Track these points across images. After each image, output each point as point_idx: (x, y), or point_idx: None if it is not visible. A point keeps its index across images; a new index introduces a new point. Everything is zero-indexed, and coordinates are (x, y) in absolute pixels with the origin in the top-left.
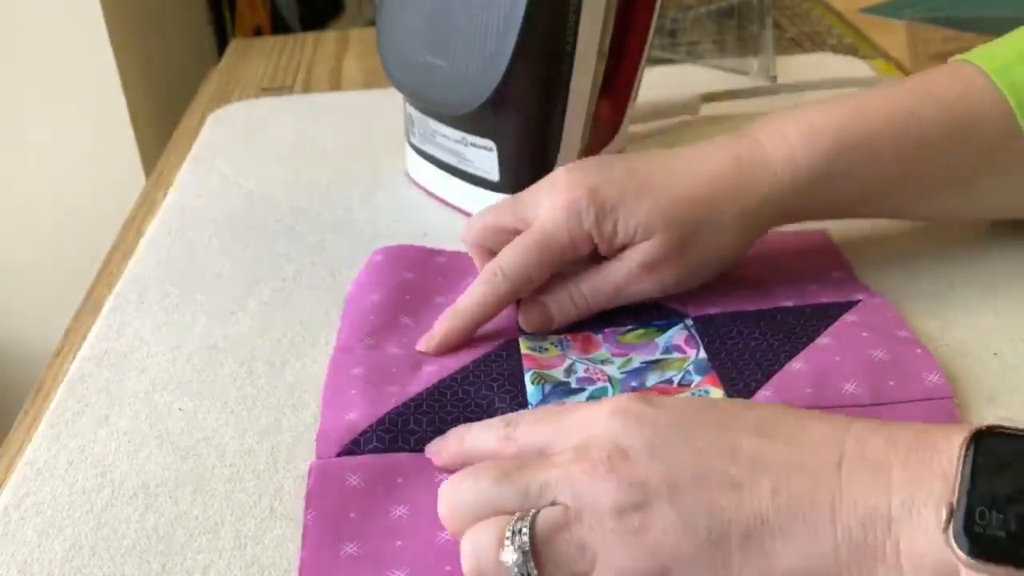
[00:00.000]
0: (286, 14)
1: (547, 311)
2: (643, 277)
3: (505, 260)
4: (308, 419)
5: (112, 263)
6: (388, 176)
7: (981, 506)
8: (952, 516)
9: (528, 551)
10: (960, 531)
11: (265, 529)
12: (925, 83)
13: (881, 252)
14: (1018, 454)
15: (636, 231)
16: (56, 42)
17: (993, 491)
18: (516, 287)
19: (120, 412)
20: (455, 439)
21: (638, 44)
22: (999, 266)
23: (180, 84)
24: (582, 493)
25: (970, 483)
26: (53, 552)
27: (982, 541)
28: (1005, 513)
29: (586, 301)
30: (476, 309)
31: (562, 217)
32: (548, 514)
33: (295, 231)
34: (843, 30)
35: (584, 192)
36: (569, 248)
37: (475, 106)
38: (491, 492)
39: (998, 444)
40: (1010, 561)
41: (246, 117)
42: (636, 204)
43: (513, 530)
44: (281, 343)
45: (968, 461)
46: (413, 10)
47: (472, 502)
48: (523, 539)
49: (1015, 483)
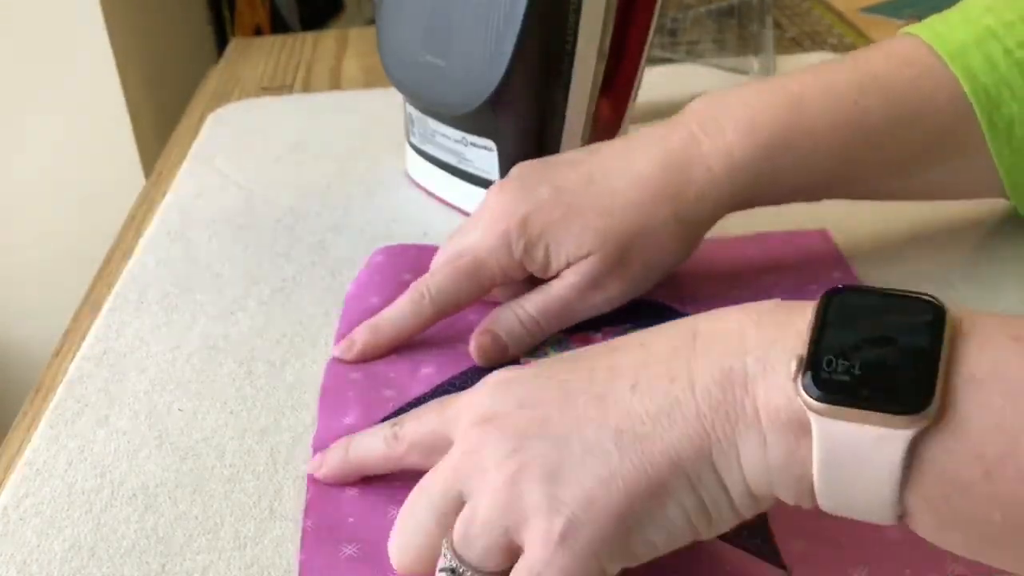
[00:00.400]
0: (286, 13)
1: (499, 341)
2: (589, 293)
3: (433, 283)
4: (307, 419)
5: (112, 263)
6: (388, 176)
7: (829, 355)
8: (801, 366)
9: (456, 566)
10: (809, 379)
11: (265, 530)
12: (872, 65)
13: (881, 252)
14: (866, 307)
15: (568, 256)
16: (56, 42)
17: (841, 341)
18: (441, 310)
19: (119, 412)
20: (338, 450)
21: (638, 44)
22: (999, 266)
23: (180, 84)
24: (471, 473)
25: (818, 335)
26: (52, 553)
27: (828, 386)
28: (851, 360)
29: (536, 322)
30: (397, 326)
31: (493, 246)
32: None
33: (295, 231)
34: (843, 29)
35: (514, 223)
36: (499, 276)
37: (475, 106)
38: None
39: (849, 299)
40: (853, 403)
41: (246, 117)
42: (565, 230)
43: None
44: (281, 343)
45: (819, 316)
46: (413, 10)
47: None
48: (447, 561)
49: (861, 333)
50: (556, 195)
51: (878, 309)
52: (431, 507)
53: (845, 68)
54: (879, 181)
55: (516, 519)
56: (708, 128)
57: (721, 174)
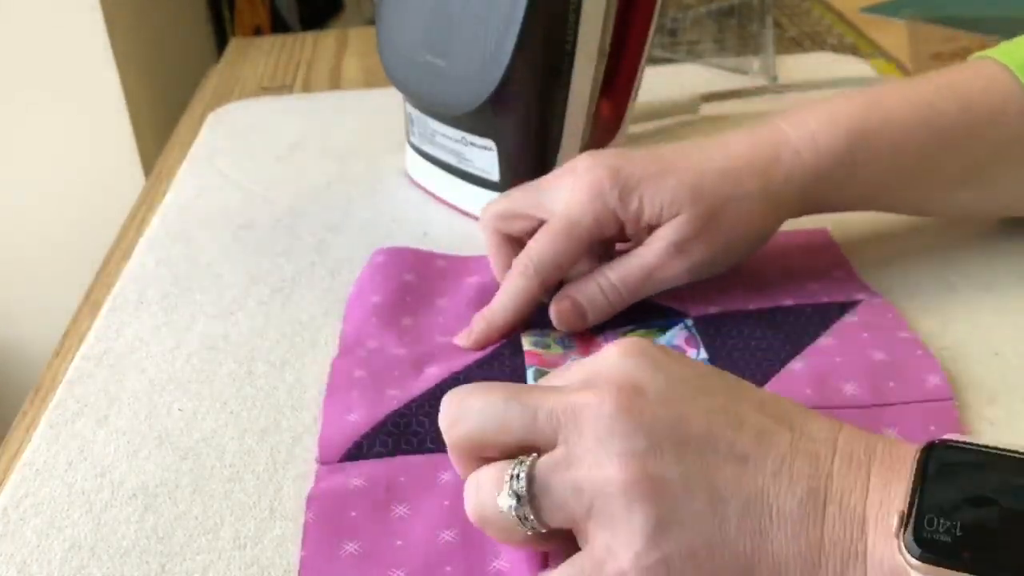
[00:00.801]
0: (285, 13)
1: (579, 306)
2: (674, 259)
3: (533, 252)
4: (308, 419)
5: (111, 263)
6: (388, 176)
7: (930, 513)
8: (903, 522)
9: (524, 495)
10: (911, 536)
11: (265, 529)
12: (947, 77)
13: (881, 252)
14: (965, 464)
15: (662, 208)
16: (56, 42)
17: (942, 499)
18: (546, 278)
19: (119, 412)
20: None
21: (638, 44)
22: (999, 266)
23: (180, 84)
24: (586, 428)
25: (920, 492)
26: (52, 552)
27: (929, 545)
28: (951, 519)
29: (616, 291)
30: (512, 305)
31: (585, 199)
32: (547, 458)
33: (295, 231)
34: (843, 29)
35: (606, 172)
36: (596, 231)
37: (475, 106)
38: (498, 407)
39: (948, 454)
40: (951, 564)
41: (246, 116)
42: (660, 181)
43: (511, 474)
44: (281, 343)
45: (920, 471)
46: (413, 10)
47: (478, 412)
48: (520, 484)
49: (961, 492)
50: (651, 154)
51: (979, 467)
52: (526, 414)
53: (920, 79)
54: (955, 189)
55: (610, 517)
56: (793, 122)
57: (808, 159)
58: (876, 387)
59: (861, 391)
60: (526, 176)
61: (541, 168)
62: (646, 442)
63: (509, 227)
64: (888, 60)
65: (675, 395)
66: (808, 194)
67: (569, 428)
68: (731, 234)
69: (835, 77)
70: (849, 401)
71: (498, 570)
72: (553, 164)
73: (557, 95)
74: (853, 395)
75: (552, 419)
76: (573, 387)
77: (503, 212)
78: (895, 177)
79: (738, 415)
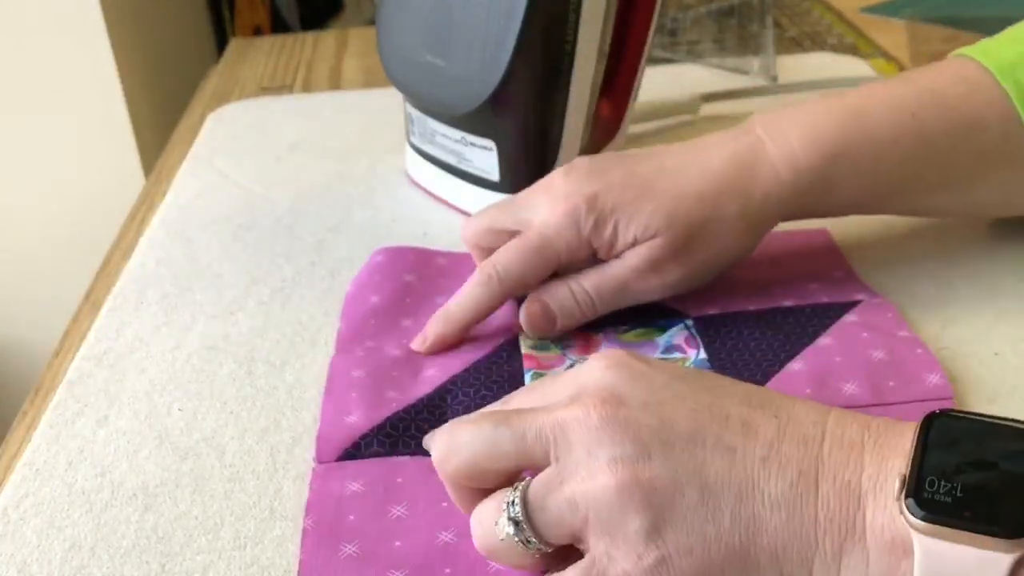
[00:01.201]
0: (285, 13)
1: (549, 312)
2: (647, 276)
3: (500, 262)
4: (308, 419)
5: (111, 263)
6: (388, 176)
7: (931, 476)
8: (904, 485)
9: (521, 519)
10: (912, 499)
11: (265, 529)
12: (928, 81)
13: (881, 252)
14: (966, 432)
15: (635, 236)
16: (56, 42)
17: (943, 463)
18: (509, 290)
19: (119, 412)
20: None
21: (638, 44)
22: (999, 266)
23: (180, 84)
24: (574, 442)
25: (921, 456)
26: (52, 552)
27: (930, 506)
28: (952, 481)
29: (589, 299)
30: (469, 311)
31: (561, 223)
32: (540, 478)
33: (295, 231)
34: (843, 29)
35: (583, 199)
36: (565, 254)
37: (475, 106)
38: (488, 435)
39: (949, 423)
40: (955, 523)
41: (246, 117)
42: (636, 209)
43: (507, 501)
44: (280, 343)
45: (920, 438)
46: (413, 10)
47: (468, 443)
48: (515, 509)
49: (962, 456)
50: (628, 178)
51: (979, 434)
52: (516, 437)
53: (902, 83)
54: (935, 195)
55: (607, 525)
56: (773, 135)
57: (787, 177)
58: (876, 387)
59: (861, 391)
60: (526, 176)
61: (541, 168)
62: (633, 447)
63: (491, 242)
64: (888, 60)
65: (657, 400)
66: (786, 209)
67: (559, 444)
68: (706, 256)
69: (835, 77)
70: (849, 401)
71: (498, 570)
72: (553, 164)
73: (557, 95)
74: (853, 395)
75: (541, 438)
76: (559, 404)
77: (484, 228)
78: (875, 188)
79: (723, 409)
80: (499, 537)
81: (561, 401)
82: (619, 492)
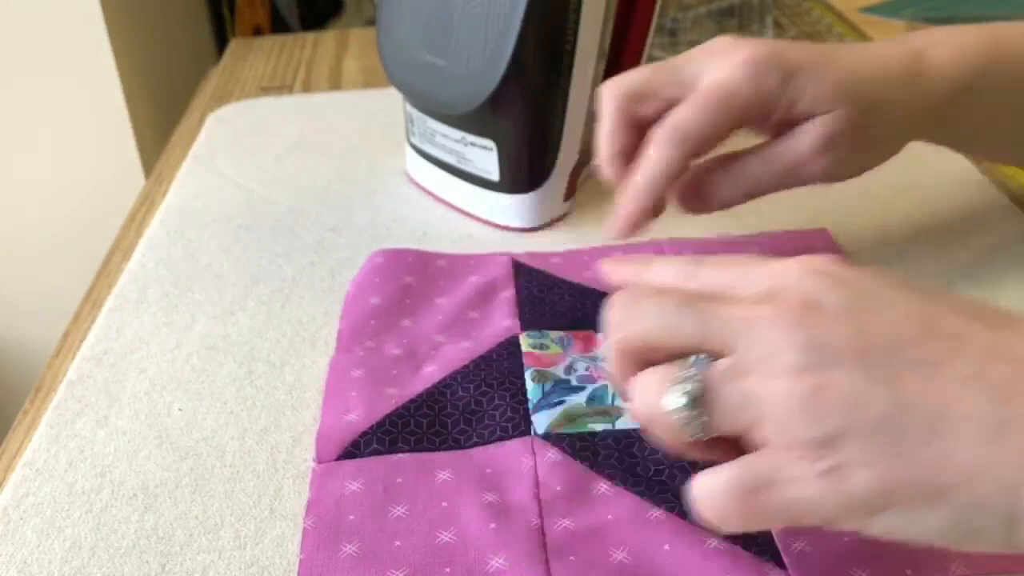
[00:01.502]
0: (285, 14)
1: (706, 191)
2: (818, 156)
3: (683, 118)
4: (308, 419)
5: (112, 263)
6: (388, 176)
7: None
8: None
9: (695, 397)
10: None
11: (265, 529)
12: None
13: (881, 252)
14: None
15: (820, 99)
16: (56, 42)
17: None
18: (693, 149)
19: (120, 412)
20: (634, 267)
21: (638, 44)
22: (999, 266)
23: (180, 84)
24: (761, 341)
25: None
26: (52, 552)
27: None
28: None
29: (751, 182)
30: (659, 176)
31: (746, 72)
32: (718, 365)
33: (295, 231)
34: (843, 29)
35: (767, 51)
36: (754, 105)
37: (475, 106)
38: (671, 311)
39: None
40: None
41: (246, 117)
42: (822, 71)
43: (683, 376)
44: (281, 343)
45: None
46: (413, 10)
47: (650, 315)
48: (691, 386)
49: None
50: (803, 45)
51: None
52: (700, 322)
53: None
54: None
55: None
56: (929, 42)
57: (949, 69)
58: None
59: None
60: (526, 176)
61: (541, 168)
62: (820, 355)
63: (638, 108)
64: None
65: (860, 308)
66: (933, 115)
67: (742, 339)
68: (876, 139)
69: None
70: None
71: (497, 570)
72: (553, 164)
73: (557, 95)
74: None
75: (725, 329)
76: (751, 298)
77: (635, 89)
78: (1013, 110)
79: (932, 319)
80: (666, 408)
81: (753, 296)
82: (796, 398)
